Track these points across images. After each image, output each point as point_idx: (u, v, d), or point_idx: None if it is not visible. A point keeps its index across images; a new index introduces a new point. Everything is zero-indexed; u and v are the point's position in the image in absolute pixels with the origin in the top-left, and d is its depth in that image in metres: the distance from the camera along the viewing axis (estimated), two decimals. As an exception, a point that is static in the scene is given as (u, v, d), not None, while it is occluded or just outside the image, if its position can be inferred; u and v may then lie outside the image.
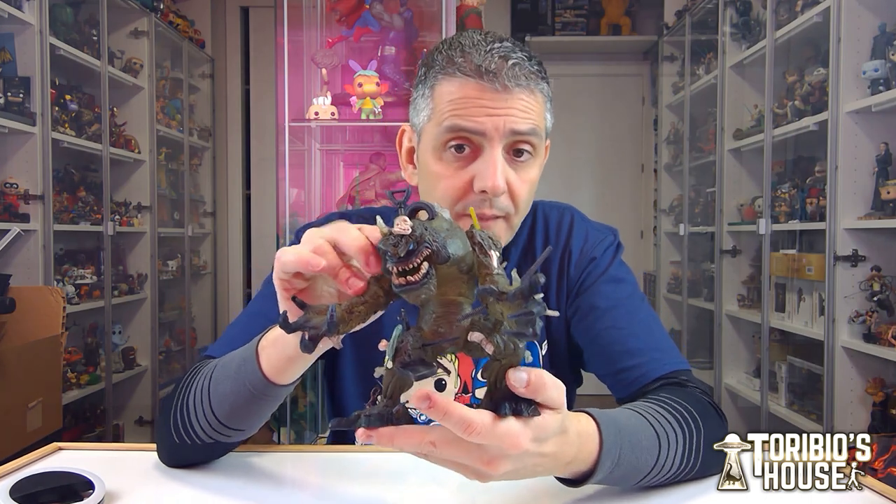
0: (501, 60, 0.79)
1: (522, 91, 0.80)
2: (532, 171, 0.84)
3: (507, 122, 0.79)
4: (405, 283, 0.48)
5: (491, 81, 0.78)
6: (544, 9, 4.38)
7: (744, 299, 2.99)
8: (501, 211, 0.83)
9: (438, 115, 0.82)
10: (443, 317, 0.51)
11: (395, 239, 0.49)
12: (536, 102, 0.82)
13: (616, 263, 0.93)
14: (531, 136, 0.82)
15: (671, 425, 0.70)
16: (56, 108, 2.69)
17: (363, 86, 2.28)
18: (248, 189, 4.48)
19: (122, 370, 3.25)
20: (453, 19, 2.33)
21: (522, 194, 0.83)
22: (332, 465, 0.81)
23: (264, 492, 0.73)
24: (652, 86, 4.36)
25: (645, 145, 4.49)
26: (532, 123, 0.81)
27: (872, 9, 2.12)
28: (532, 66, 0.82)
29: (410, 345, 0.51)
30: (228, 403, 0.72)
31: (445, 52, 0.83)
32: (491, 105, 0.79)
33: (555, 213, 0.98)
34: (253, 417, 0.73)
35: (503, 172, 0.80)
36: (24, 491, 0.66)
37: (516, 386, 0.51)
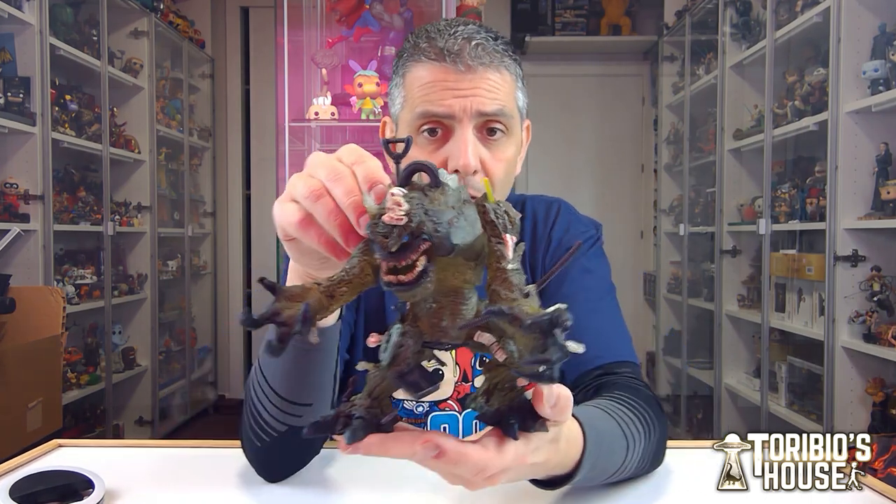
0: (464, 41, 0.80)
1: (487, 70, 0.81)
2: (507, 150, 0.85)
3: (474, 102, 0.80)
4: (395, 282, 0.39)
5: (454, 63, 0.80)
6: (544, 9, 4.37)
7: (744, 299, 2.99)
8: (476, 190, 0.82)
9: (410, 102, 0.84)
10: (445, 308, 0.43)
11: (385, 228, 0.39)
12: (504, 81, 0.83)
13: (590, 254, 0.95)
14: (500, 117, 0.83)
15: (637, 428, 0.71)
16: (56, 108, 2.69)
17: (363, 86, 2.28)
18: (248, 189, 4.48)
19: (122, 370, 3.25)
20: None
21: (498, 173, 0.84)
22: (334, 463, 0.81)
23: (265, 491, 0.73)
24: (652, 86, 4.36)
25: (645, 145, 4.49)
26: (500, 104, 0.82)
27: (872, 9, 2.12)
28: (498, 45, 0.83)
29: (411, 349, 0.42)
30: (281, 372, 0.69)
31: (413, 41, 0.85)
32: (456, 87, 0.80)
33: (542, 207, 0.99)
34: (309, 381, 0.69)
35: (475, 151, 0.81)
36: (24, 490, 0.66)
37: (544, 408, 0.47)
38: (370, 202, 0.42)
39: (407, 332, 0.43)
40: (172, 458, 0.84)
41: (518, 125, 0.88)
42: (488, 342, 0.43)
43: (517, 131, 0.88)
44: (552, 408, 0.48)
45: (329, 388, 0.73)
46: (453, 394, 0.92)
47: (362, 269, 0.44)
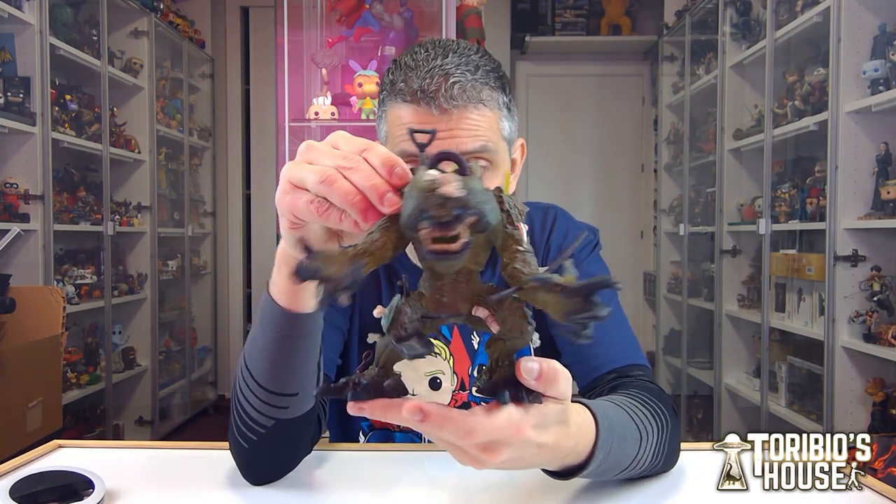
0: (441, 80, 0.78)
1: (465, 110, 0.79)
2: (493, 182, 0.83)
3: (452, 143, 0.78)
4: (442, 251, 0.43)
5: (428, 105, 0.78)
6: (544, 9, 4.37)
7: (744, 299, 2.99)
8: None
9: (391, 140, 0.83)
10: (450, 286, 0.46)
11: (439, 199, 0.42)
12: (484, 117, 0.81)
13: (590, 259, 0.95)
14: (482, 153, 0.81)
15: (650, 422, 0.71)
16: (56, 108, 2.69)
17: (363, 86, 2.28)
18: (248, 189, 4.48)
19: (122, 370, 3.25)
20: (453, 19, 2.33)
21: None
22: (334, 463, 0.81)
23: (265, 491, 0.73)
24: (652, 86, 4.36)
25: (645, 145, 4.49)
26: (481, 141, 0.80)
27: (872, 9, 2.12)
28: (478, 78, 0.80)
29: (408, 317, 0.46)
30: (265, 362, 0.69)
31: (391, 76, 0.83)
32: (438, 127, 0.77)
33: (538, 213, 0.99)
34: (294, 368, 0.70)
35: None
36: (24, 491, 0.66)
37: (527, 378, 0.48)
38: (422, 177, 0.45)
39: (408, 301, 0.46)
40: (172, 458, 0.84)
41: (504, 155, 0.86)
42: (483, 315, 0.47)
43: (503, 161, 0.86)
44: (537, 380, 0.49)
45: (313, 378, 0.72)
46: (451, 402, 0.92)
47: (384, 242, 0.46)
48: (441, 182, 0.42)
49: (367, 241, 0.46)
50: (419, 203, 0.43)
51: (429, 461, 0.82)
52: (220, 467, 0.79)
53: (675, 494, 0.72)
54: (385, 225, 0.47)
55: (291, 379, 0.70)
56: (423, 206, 0.42)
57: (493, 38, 3.82)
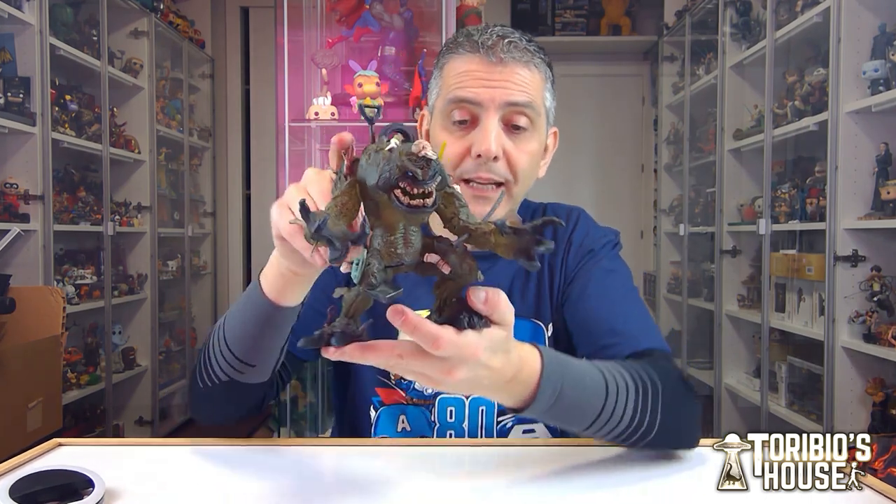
0: (498, 38, 0.87)
1: (517, 64, 0.87)
2: (530, 144, 0.90)
3: (503, 93, 0.86)
4: (420, 205, 0.49)
5: (487, 55, 0.86)
6: (544, 9, 4.38)
7: (744, 299, 2.99)
8: (499, 176, 0.88)
9: (445, 91, 0.90)
10: (402, 239, 0.53)
11: (421, 161, 0.49)
12: (533, 78, 0.88)
13: (611, 256, 0.98)
14: (526, 108, 0.87)
15: (622, 377, 0.73)
16: (56, 108, 2.69)
17: (363, 86, 2.28)
18: (248, 189, 4.48)
19: (122, 370, 3.25)
20: (453, 19, 2.33)
21: (520, 163, 0.89)
22: (334, 460, 0.81)
23: (265, 490, 0.73)
24: (652, 86, 4.36)
25: (645, 145, 4.49)
26: (528, 96, 0.87)
27: (872, 9, 2.12)
28: (530, 45, 0.89)
29: (376, 268, 0.52)
30: (240, 332, 0.78)
31: (454, 38, 0.92)
32: (487, 77, 0.86)
33: (562, 212, 1.04)
34: (262, 346, 0.78)
35: (498, 139, 0.86)
36: (24, 490, 0.65)
37: (475, 302, 0.56)
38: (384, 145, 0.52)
39: (372, 255, 0.53)
40: (173, 457, 0.84)
41: (543, 124, 0.92)
42: (434, 260, 0.55)
43: (542, 128, 0.92)
44: (484, 304, 0.56)
45: (274, 358, 0.80)
46: None
47: (354, 204, 0.54)
48: (422, 146, 0.49)
49: (335, 205, 0.53)
50: (400, 163, 0.48)
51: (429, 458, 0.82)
52: (220, 466, 0.79)
53: (675, 494, 0.72)
54: (350, 187, 0.54)
55: (256, 354, 0.79)
56: (406, 166, 0.48)
57: (493, 38, 3.82)
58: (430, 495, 0.72)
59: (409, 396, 0.96)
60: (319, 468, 0.80)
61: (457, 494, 0.72)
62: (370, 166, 0.52)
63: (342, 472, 0.78)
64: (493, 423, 0.95)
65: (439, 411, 0.95)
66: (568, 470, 0.79)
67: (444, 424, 0.95)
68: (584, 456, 0.84)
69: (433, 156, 0.49)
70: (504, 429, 0.96)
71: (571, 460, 0.82)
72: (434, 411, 0.95)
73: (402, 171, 0.48)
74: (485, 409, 0.95)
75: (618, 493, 0.72)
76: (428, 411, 0.95)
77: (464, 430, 0.95)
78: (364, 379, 0.97)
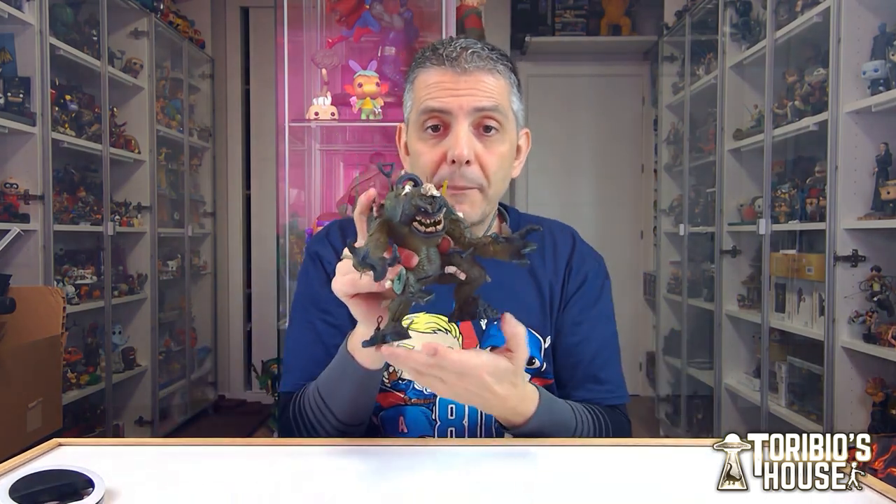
0: (462, 49, 0.93)
1: (481, 72, 0.93)
2: (501, 146, 0.95)
3: (470, 100, 0.92)
4: (432, 232, 0.65)
5: (453, 66, 0.92)
6: (544, 9, 4.38)
7: (744, 299, 2.99)
8: (473, 182, 0.94)
9: (417, 103, 0.96)
10: (424, 258, 0.68)
11: (429, 199, 0.64)
12: (498, 83, 0.94)
13: (607, 298, 1.07)
14: (494, 112, 0.93)
15: (588, 424, 0.94)
16: (56, 108, 2.69)
17: (363, 86, 2.28)
18: (248, 189, 4.48)
19: (122, 370, 3.25)
20: (453, 19, 2.33)
21: (491, 166, 0.94)
22: (335, 459, 0.81)
23: (265, 490, 0.73)
24: (652, 86, 4.36)
25: (645, 145, 4.49)
26: (494, 101, 0.93)
27: (872, 9, 2.12)
28: (493, 54, 0.95)
29: (412, 281, 0.67)
30: (350, 408, 0.89)
31: (421, 53, 0.98)
32: (454, 87, 0.92)
33: (558, 230, 1.10)
34: (366, 403, 0.90)
35: (468, 143, 0.92)
36: (24, 490, 0.65)
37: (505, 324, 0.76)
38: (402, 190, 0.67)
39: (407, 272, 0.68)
40: (173, 458, 0.84)
41: (513, 126, 0.98)
42: (454, 271, 0.71)
43: (511, 131, 0.97)
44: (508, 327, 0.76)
45: (371, 408, 0.92)
46: None
47: (384, 236, 0.67)
48: (428, 189, 0.65)
49: (372, 239, 0.67)
50: (413, 203, 0.64)
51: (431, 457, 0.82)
52: (220, 466, 0.79)
53: (676, 494, 0.72)
54: (378, 227, 0.68)
55: (364, 414, 0.91)
56: (418, 204, 0.64)
57: (493, 38, 3.82)
58: (431, 495, 0.72)
59: (408, 397, 0.98)
60: (320, 468, 0.80)
61: (457, 494, 0.72)
62: (393, 208, 0.66)
63: (342, 472, 0.78)
64: (492, 420, 0.96)
65: (440, 409, 0.97)
66: (568, 469, 0.79)
67: (444, 422, 0.97)
68: (584, 456, 0.84)
69: (437, 194, 0.65)
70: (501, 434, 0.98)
71: (571, 460, 0.82)
72: (435, 409, 0.97)
73: (416, 209, 0.64)
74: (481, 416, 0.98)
75: (618, 492, 0.72)
76: (429, 410, 0.98)
77: (464, 427, 0.97)
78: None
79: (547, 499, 0.70)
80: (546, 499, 0.70)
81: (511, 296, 1.01)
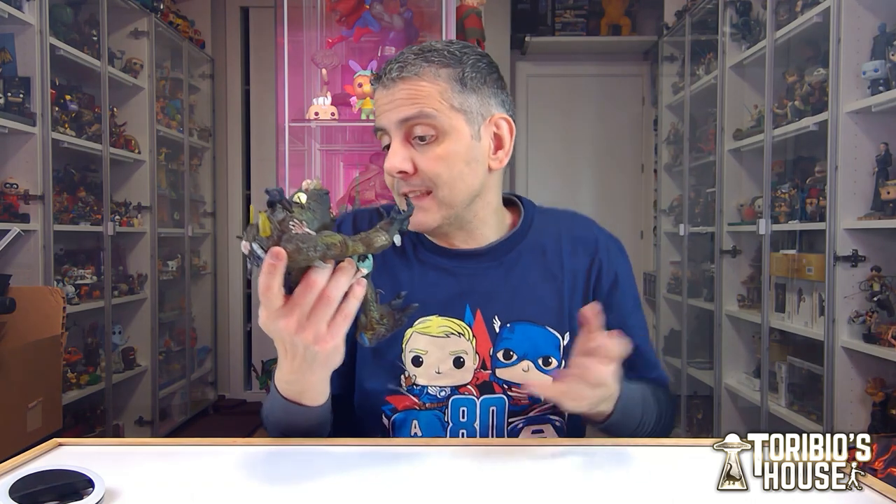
0: (394, 63, 0.94)
1: (403, 82, 0.93)
2: (437, 149, 0.93)
3: (394, 114, 0.93)
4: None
5: (384, 84, 0.95)
6: (544, 9, 4.38)
7: (744, 299, 2.99)
8: (417, 188, 0.94)
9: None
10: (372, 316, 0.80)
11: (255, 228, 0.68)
12: (423, 87, 0.92)
13: (635, 284, 1.10)
14: (419, 118, 0.92)
15: (652, 410, 0.98)
16: (56, 108, 2.69)
17: (363, 86, 2.28)
18: (248, 189, 4.48)
19: (122, 370, 3.25)
20: (453, 19, 2.33)
21: (429, 170, 0.93)
22: (335, 459, 0.81)
23: (266, 490, 0.73)
24: (652, 86, 4.36)
25: (645, 145, 4.49)
26: (416, 107, 0.92)
27: (872, 9, 2.12)
28: (419, 58, 0.93)
29: (381, 331, 0.80)
30: (280, 426, 0.88)
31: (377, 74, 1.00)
32: (384, 102, 0.94)
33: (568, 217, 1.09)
34: (304, 430, 0.88)
35: (399, 156, 0.93)
36: (24, 490, 0.65)
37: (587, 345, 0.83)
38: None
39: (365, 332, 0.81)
40: (173, 457, 0.84)
41: (460, 124, 0.94)
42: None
43: (456, 129, 0.94)
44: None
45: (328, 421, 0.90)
46: (472, 380, 0.98)
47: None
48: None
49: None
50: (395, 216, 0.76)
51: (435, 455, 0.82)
52: (220, 466, 0.79)
53: (676, 494, 0.72)
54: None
55: (305, 433, 0.88)
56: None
57: (493, 38, 3.82)
58: (433, 494, 0.72)
59: (423, 402, 0.98)
60: (320, 468, 0.80)
61: (458, 494, 0.72)
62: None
63: (343, 472, 0.78)
64: (503, 422, 0.97)
65: (452, 412, 0.97)
66: (571, 469, 0.79)
67: (456, 424, 0.97)
68: (586, 456, 0.84)
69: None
70: (515, 429, 0.98)
71: (574, 460, 0.82)
72: (447, 412, 0.97)
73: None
74: (495, 409, 0.97)
75: (618, 492, 0.72)
76: (441, 413, 0.98)
77: (475, 430, 0.97)
78: (374, 389, 0.99)
79: (547, 498, 0.70)
80: (546, 498, 0.70)
81: (529, 296, 1.00)
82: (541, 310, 1.00)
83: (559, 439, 0.98)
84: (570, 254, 1.03)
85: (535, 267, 1.02)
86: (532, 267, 1.02)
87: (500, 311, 0.98)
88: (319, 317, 0.71)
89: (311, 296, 0.70)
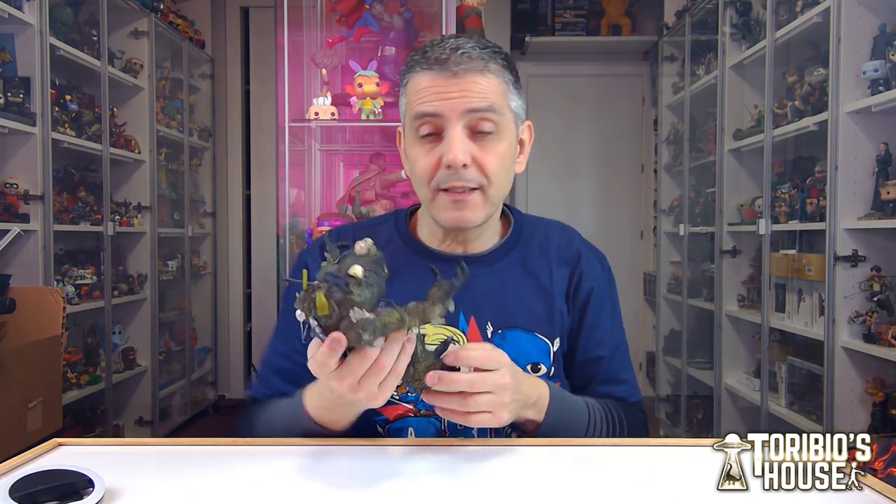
0: (451, 51, 0.90)
1: (472, 73, 0.90)
2: (499, 146, 0.93)
3: (461, 102, 0.90)
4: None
5: (442, 69, 0.90)
6: (544, 9, 4.38)
7: (744, 299, 2.99)
8: (472, 182, 0.92)
9: (409, 108, 0.95)
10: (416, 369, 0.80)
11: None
12: (490, 83, 0.91)
13: (615, 298, 1.08)
14: (488, 113, 0.91)
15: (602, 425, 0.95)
16: (56, 108, 2.69)
17: (363, 86, 2.28)
18: (248, 189, 4.48)
19: (122, 370, 3.25)
20: (453, 19, 2.33)
21: (491, 166, 0.92)
22: (335, 459, 0.81)
23: (266, 490, 0.73)
24: (652, 86, 4.36)
25: (645, 145, 4.49)
26: (487, 101, 0.91)
27: (872, 9, 2.12)
28: (484, 53, 0.92)
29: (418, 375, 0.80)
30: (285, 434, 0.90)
31: (411, 57, 0.96)
32: (444, 90, 0.90)
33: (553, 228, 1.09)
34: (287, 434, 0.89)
35: (463, 147, 0.90)
36: (24, 490, 0.65)
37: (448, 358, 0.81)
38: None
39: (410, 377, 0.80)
40: (173, 457, 0.84)
41: (511, 125, 0.95)
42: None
43: (509, 129, 0.95)
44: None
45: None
46: None
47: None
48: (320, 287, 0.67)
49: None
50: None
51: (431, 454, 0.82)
52: (220, 466, 0.79)
53: (676, 494, 0.72)
54: None
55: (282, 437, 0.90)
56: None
57: (493, 38, 3.81)
58: (432, 494, 0.72)
59: (418, 409, 0.97)
60: (320, 468, 0.80)
61: (458, 494, 0.72)
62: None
63: (343, 472, 0.78)
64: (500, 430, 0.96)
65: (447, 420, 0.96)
66: (570, 470, 0.79)
67: (453, 431, 0.97)
68: (586, 456, 0.84)
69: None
70: (509, 435, 0.98)
71: (573, 460, 0.82)
72: (444, 420, 0.96)
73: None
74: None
75: (618, 492, 0.72)
76: (437, 420, 0.97)
77: (473, 436, 0.97)
78: None
79: (547, 498, 0.70)
80: (546, 498, 0.70)
81: (519, 303, 1.00)
82: (530, 316, 1.00)
83: (559, 439, 0.97)
84: (556, 263, 1.04)
85: (525, 274, 1.02)
86: (522, 274, 1.02)
87: (493, 318, 0.99)
88: (372, 381, 0.72)
89: (364, 365, 0.70)
